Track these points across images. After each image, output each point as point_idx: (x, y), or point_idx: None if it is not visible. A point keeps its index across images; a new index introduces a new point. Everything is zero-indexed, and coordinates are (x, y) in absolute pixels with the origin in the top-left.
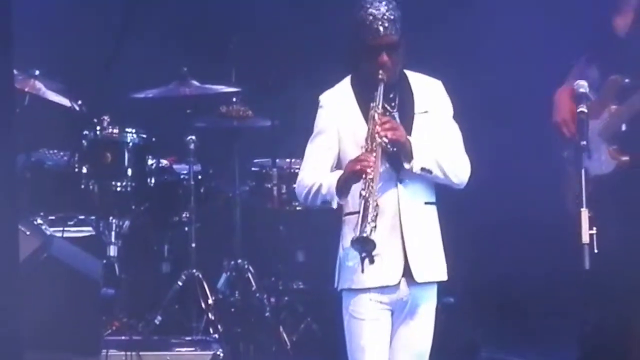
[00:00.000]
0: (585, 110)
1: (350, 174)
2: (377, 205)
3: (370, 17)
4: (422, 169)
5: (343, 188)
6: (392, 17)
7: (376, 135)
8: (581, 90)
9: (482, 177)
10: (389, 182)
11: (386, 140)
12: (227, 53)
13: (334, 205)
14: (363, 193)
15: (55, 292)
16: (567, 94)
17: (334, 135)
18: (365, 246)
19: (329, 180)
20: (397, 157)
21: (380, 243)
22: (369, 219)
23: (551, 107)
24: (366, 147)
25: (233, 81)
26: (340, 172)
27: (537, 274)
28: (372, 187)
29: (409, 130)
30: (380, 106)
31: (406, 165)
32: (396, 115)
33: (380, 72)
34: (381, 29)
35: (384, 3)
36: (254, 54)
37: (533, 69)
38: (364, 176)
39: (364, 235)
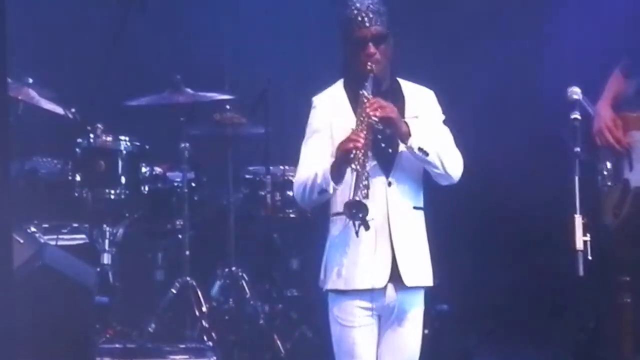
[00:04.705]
0: (579, 117)
1: (342, 154)
2: (368, 175)
3: (355, 11)
4: (420, 149)
5: (337, 171)
6: (376, 9)
7: (365, 116)
8: (574, 97)
9: (474, 183)
10: (378, 185)
11: (376, 119)
12: (221, 61)
13: (330, 191)
14: (353, 166)
15: (49, 300)
16: (607, 105)
17: (328, 135)
18: (358, 211)
19: (323, 168)
20: (389, 148)
21: (368, 246)
22: (361, 186)
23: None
24: (357, 128)
25: (226, 89)
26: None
27: (531, 280)
28: (362, 159)
29: None
30: (369, 94)
31: (403, 145)
32: None
33: (369, 63)
34: (366, 19)
35: None
36: (247, 61)
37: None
38: (354, 152)
39: (357, 199)
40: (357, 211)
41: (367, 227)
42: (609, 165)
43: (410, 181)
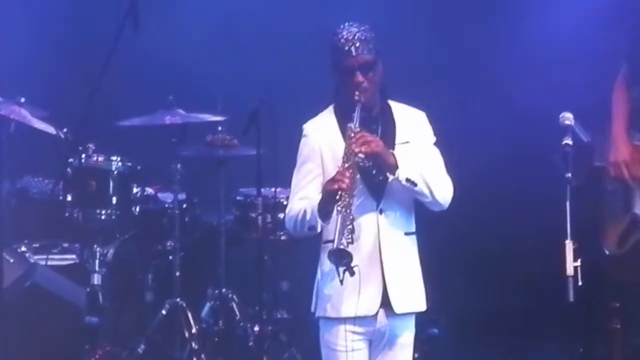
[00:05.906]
0: (570, 143)
1: (327, 194)
2: (353, 218)
3: (342, 40)
4: (407, 180)
5: (323, 210)
6: (363, 37)
7: (351, 152)
8: (567, 122)
9: (467, 206)
10: (369, 212)
11: (362, 156)
12: (213, 82)
13: (319, 229)
14: (339, 208)
15: (38, 320)
16: (623, 135)
17: (318, 163)
18: (342, 258)
19: (312, 205)
20: (379, 175)
21: (359, 273)
22: (345, 232)
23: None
24: (342, 166)
25: (219, 110)
26: None
27: (522, 305)
28: (347, 202)
29: None
30: (357, 126)
31: (391, 177)
32: None
33: (357, 93)
34: (353, 49)
35: (355, 25)
36: (239, 83)
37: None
38: (339, 193)
39: (340, 247)
40: (340, 259)
41: (352, 274)
42: (618, 194)
43: (402, 207)
